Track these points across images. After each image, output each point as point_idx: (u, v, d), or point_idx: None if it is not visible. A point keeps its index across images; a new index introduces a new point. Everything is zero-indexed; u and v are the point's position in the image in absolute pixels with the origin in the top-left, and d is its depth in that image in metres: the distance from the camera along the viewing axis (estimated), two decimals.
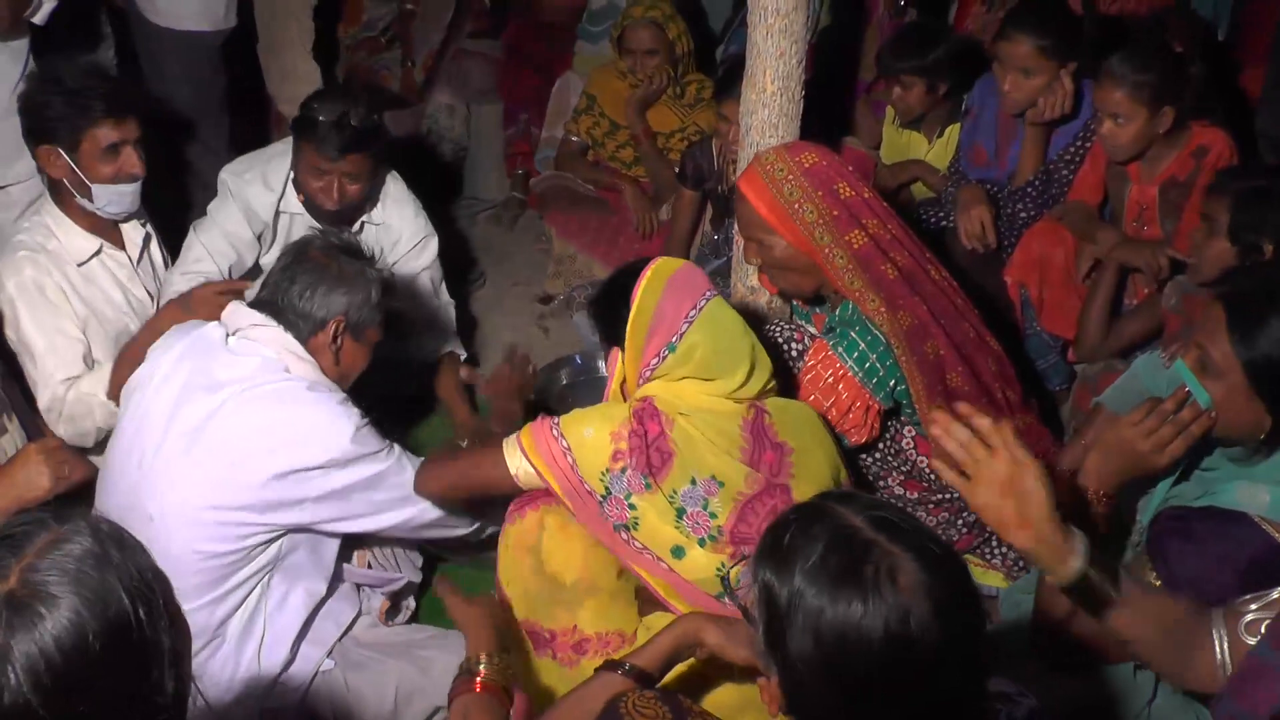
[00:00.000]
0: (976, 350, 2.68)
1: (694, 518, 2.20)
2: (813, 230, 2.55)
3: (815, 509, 1.41)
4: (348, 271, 2.45)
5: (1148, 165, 3.22)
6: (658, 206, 4.15)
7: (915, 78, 3.70)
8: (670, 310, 2.23)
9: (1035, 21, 3.36)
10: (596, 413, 2.26)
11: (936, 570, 1.32)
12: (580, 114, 4.33)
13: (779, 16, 2.65)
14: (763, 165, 2.61)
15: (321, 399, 2.39)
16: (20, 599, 1.21)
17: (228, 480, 2.32)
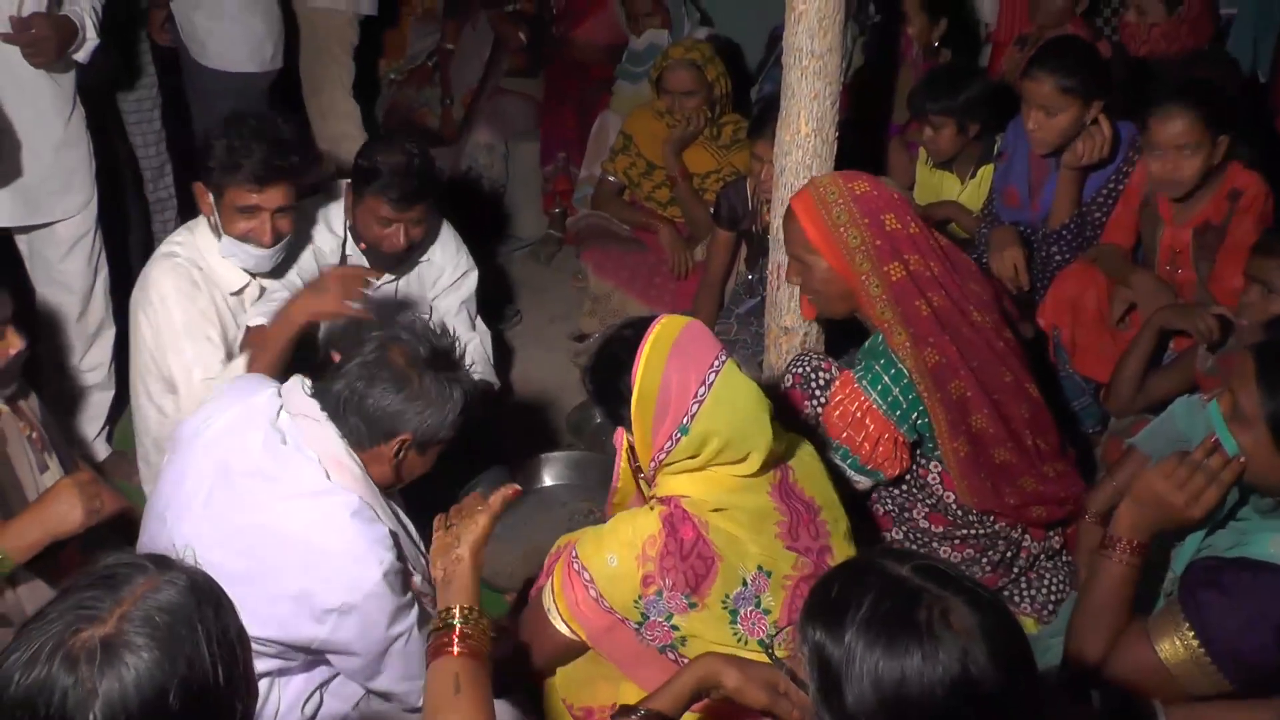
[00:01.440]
0: (1011, 396, 2.66)
1: (749, 619, 2.08)
2: (854, 256, 2.56)
3: (859, 564, 1.42)
4: (430, 390, 2.22)
5: (1181, 208, 3.20)
6: (693, 247, 4.18)
7: (946, 118, 3.72)
8: (677, 387, 2.05)
9: (1058, 60, 3.37)
10: (618, 534, 2.08)
11: (987, 612, 1.33)
12: (617, 154, 4.37)
13: (814, 58, 2.69)
14: (816, 188, 2.62)
15: (361, 529, 2.16)
16: (114, 645, 1.23)
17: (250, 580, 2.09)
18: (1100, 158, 3.39)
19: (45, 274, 3.40)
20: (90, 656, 1.22)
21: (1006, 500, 2.67)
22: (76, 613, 1.26)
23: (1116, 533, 2.02)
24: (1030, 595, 2.80)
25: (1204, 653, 1.92)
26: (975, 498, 2.65)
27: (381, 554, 2.16)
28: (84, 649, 1.23)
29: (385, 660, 2.24)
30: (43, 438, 2.50)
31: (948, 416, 2.58)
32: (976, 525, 2.72)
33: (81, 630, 1.24)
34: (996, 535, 2.75)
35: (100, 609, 1.25)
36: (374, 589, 2.14)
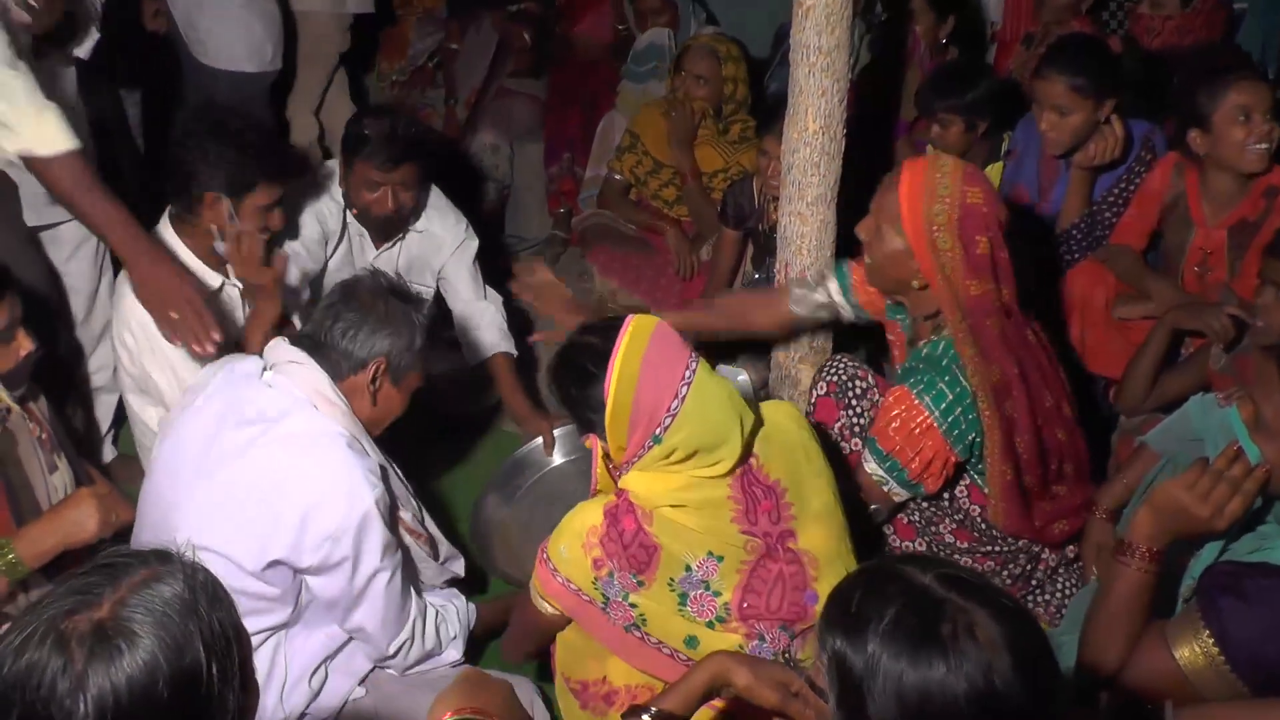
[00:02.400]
0: (1050, 420, 2.62)
1: (698, 601, 2.14)
2: (940, 256, 2.46)
3: (881, 571, 1.40)
4: (394, 314, 2.42)
5: (1214, 208, 3.16)
6: (698, 246, 4.16)
7: (954, 116, 3.70)
8: (650, 400, 2.09)
9: (1070, 60, 3.34)
10: (567, 527, 2.18)
11: (1012, 623, 1.31)
12: (624, 152, 4.36)
13: (821, 55, 2.67)
14: (932, 170, 2.49)
15: (353, 460, 2.32)
16: (107, 631, 1.24)
17: (247, 523, 2.29)
18: (1112, 158, 3.37)
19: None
20: (82, 639, 1.23)
21: (1035, 524, 2.65)
22: (73, 598, 1.26)
23: (1134, 540, 1.98)
24: (1044, 601, 2.78)
25: (1223, 660, 1.89)
26: (1009, 520, 2.61)
27: (374, 481, 2.32)
28: (76, 632, 1.23)
29: (365, 595, 2.36)
30: (52, 439, 2.51)
31: (1002, 438, 2.51)
32: (1000, 542, 2.70)
33: (76, 614, 1.25)
34: (1018, 550, 2.72)
35: (96, 595, 1.26)
36: (367, 515, 2.29)
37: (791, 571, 2.15)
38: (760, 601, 2.13)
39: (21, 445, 2.43)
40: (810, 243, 2.85)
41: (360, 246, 3.53)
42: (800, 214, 2.84)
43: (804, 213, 2.83)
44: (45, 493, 2.44)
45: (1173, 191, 3.24)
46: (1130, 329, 3.28)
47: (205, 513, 2.31)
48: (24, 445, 2.43)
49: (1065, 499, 2.70)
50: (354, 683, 2.53)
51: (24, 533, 2.22)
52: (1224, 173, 3.12)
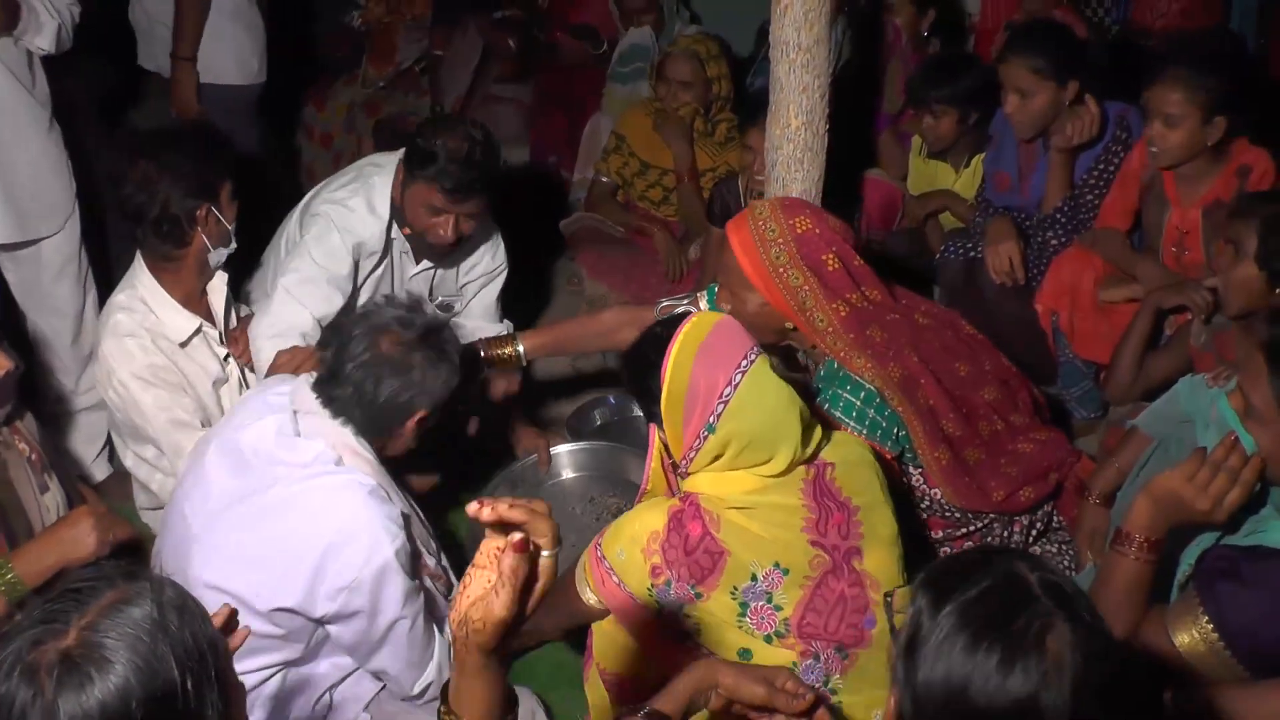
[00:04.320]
0: (969, 386, 2.64)
1: (758, 613, 2.10)
2: (796, 294, 2.52)
3: (996, 555, 1.38)
4: (429, 370, 2.32)
5: (1188, 188, 3.17)
6: (687, 245, 4.16)
7: (948, 106, 3.71)
8: (704, 386, 2.07)
9: (1029, 43, 3.39)
10: (627, 529, 2.15)
11: (1089, 642, 1.29)
12: (610, 153, 4.34)
13: (801, 51, 2.67)
14: (755, 221, 2.55)
15: (376, 508, 2.26)
16: (74, 658, 1.22)
17: (261, 566, 2.24)
18: (1090, 137, 3.39)
19: (36, 299, 3.41)
20: (50, 669, 1.21)
21: (994, 497, 2.65)
22: (41, 627, 1.25)
23: (1131, 530, 1.98)
24: None
25: (1222, 644, 1.90)
26: (962, 499, 2.62)
27: (395, 532, 2.24)
28: (45, 661, 1.22)
29: (387, 641, 2.31)
30: (42, 459, 2.50)
31: (924, 426, 2.54)
32: (971, 521, 2.70)
33: (43, 643, 1.23)
34: (991, 522, 2.72)
35: (64, 622, 1.25)
36: (386, 566, 2.22)
37: (854, 594, 2.11)
38: (820, 621, 2.09)
39: (12, 466, 2.42)
40: None
41: (401, 264, 3.29)
42: None
43: None
44: (38, 514, 2.43)
45: (1150, 171, 3.26)
46: (1117, 313, 3.30)
47: (221, 550, 2.28)
48: (14, 467, 2.42)
49: (1030, 458, 2.70)
50: (359, 708, 2.49)
51: (22, 552, 2.21)
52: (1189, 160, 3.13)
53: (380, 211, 3.13)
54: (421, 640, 2.36)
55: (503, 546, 1.30)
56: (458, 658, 1.33)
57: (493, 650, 1.32)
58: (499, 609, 1.27)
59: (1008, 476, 2.66)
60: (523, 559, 1.28)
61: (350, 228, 3.10)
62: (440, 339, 2.37)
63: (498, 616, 1.28)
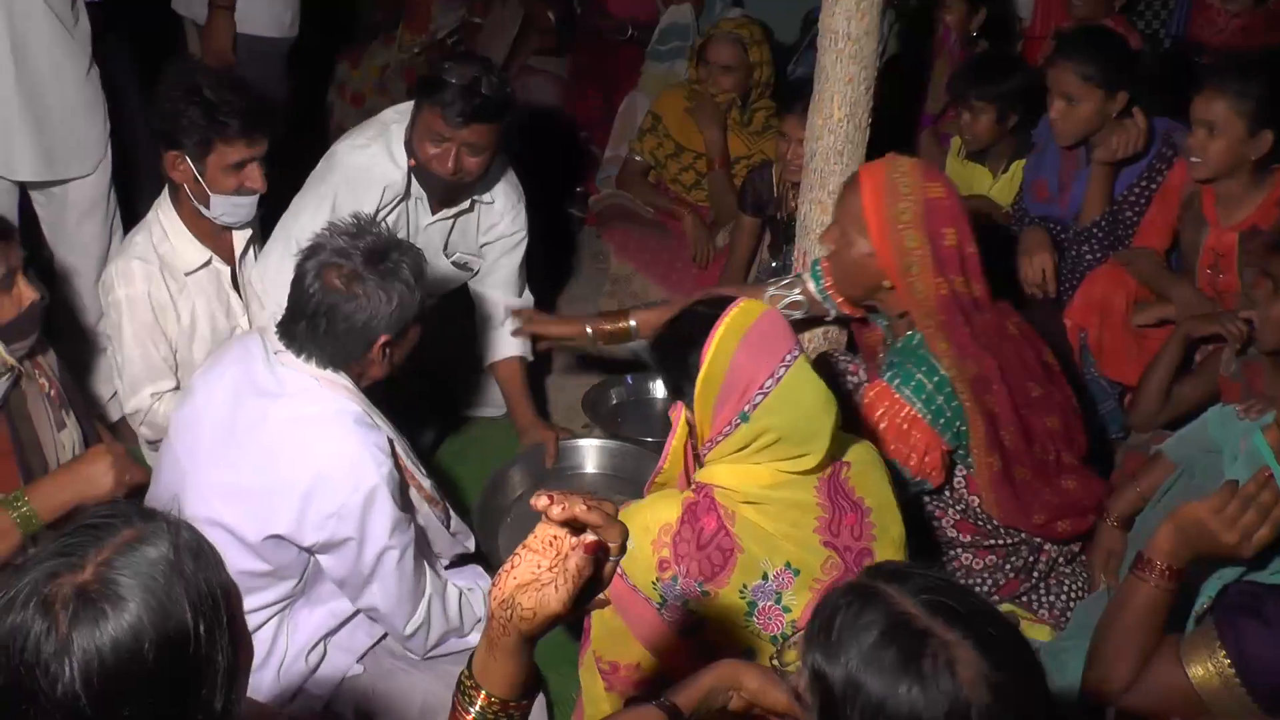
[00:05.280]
0: (1038, 408, 2.59)
1: (766, 613, 2.08)
2: (906, 256, 2.46)
3: (866, 591, 1.36)
4: (380, 293, 2.30)
5: (1227, 209, 3.11)
6: (715, 232, 4.12)
7: (987, 104, 3.66)
8: (745, 374, 2.04)
9: (1081, 48, 3.32)
10: (638, 518, 2.10)
11: (997, 656, 1.28)
12: (645, 133, 4.31)
13: (850, 42, 2.63)
14: (892, 170, 2.50)
15: (364, 435, 2.29)
16: (90, 594, 1.22)
17: (251, 497, 2.28)
18: (1134, 151, 3.32)
19: (64, 237, 3.43)
20: (65, 603, 1.21)
21: (1034, 520, 2.61)
22: (57, 560, 1.25)
23: (1153, 556, 1.93)
24: (1049, 602, 2.74)
25: (1238, 680, 1.86)
26: (1002, 512, 2.58)
27: (381, 459, 2.29)
28: (60, 595, 1.22)
29: (376, 574, 2.34)
30: (60, 395, 2.52)
31: (985, 429, 2.49)
32: (1001, 535, 2.67)
33: (59, 577, 1.23)
34: (1020, 543, 2.70)
35: (80, 557, 1.25)
36: (373, 492, 2.26)
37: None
38: None
39: (31, 401, 2.43)
40: None
41: (416, 210, 3.26)
42: (821, 202, 2.80)
43: (825, 201, 2.80)
44: (53, 449, 2.45)
45: (1190, 188, 3.20)
46: (1147, 336, 3.24)
47: (214, 485, 2.31)
48: (33, 401, 2.44)
49: (1072, 495, 2.66)
50: (352, 659, 2.53)
51: (38, 486, 2.22)
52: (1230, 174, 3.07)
53: (397, 155, 3.13)
54: (411, 575, 2.38)
55: (560, 535, 1.29)
56: (492, 635, 1.32)
57: (534, 638, 1.31)
58: (555, 604, 1.26)
59: (1049, 504, 2.63)
60: (590, 561, 1.27)
61: (364, 169, 3.11)
62: (387, 260, 2.33)
63: (552, 611, 1.27)
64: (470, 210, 3.30)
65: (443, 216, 3.27)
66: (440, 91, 2.93)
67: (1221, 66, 3.07)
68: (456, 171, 3.03)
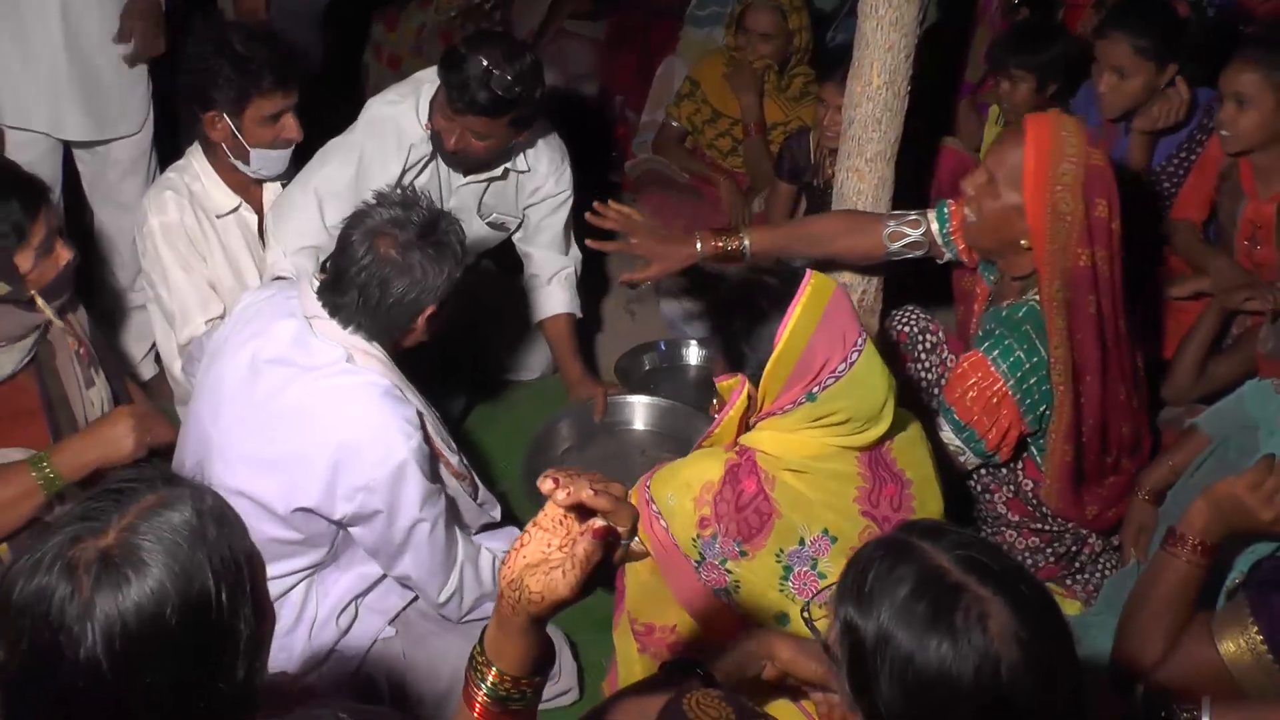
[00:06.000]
0: (1120, 413, 2.58)
1: (801, 578, 2.10)
2: (1057, 221, 2.40)
3: (901, 545, 1.36)
4: (429, 265, 2.29)
5: (1266, 180, 3.08)
6: (752, 198, 4.11)
7: (1026, 73, 3.61)
8: (820, 357, 2.04)
9: (1134, 20, 3.27)
10: (682, 474, 2.13)
11: (1028, 615, 1.28)
12: (683, 99, 4.28)
13: (890, 8, 2.61)
14: (1059, 128, 2.43)
15: (391, 407, 2.28)
16: (113, 558, 1.23)
17: (279, 469, 2.27)
18: (1175, 121, 3.29)
19: (103, 194, 3.47)
20: (88, 567, 1.22)
21: (1087, 513, 2.62)
22: (81, 524, 1.25)
23: (1186, 532, 1.94)
24: (1083, 579, 2.75)
25: (1271, 657, 1.86)
26: (1060, 502, 2.58)
27: (410, 431, 2.27)
28: (84, 559, 1.22)
29: (408, 545, 2.34)
30: (90, 353, 2.53)
31: (1069, 417, 2.48)
32: (1050, 520, 2.67)
33: (83, 540, 1.24)
34: (1065, 530, 2.70)
35: (104, 521, 1.25)
36: (403, 466, 2.24)
37: None
38: None
39: (60, 358, 2.44)
40: (867, 199, 2.80)
41: (448, 173, 3.27)
42: (858, 170, 2.79)
43: (862, 169, 2.78)
44: (82, 407, 2.46)
45: (1228, 159, 3.18)
46: (1183, 309, 3.23)
47: (240, 455, 2.30)
48: (61, 357, 2.44)
49: (1116, 486, 2.66)
50: (384, 621, 2.53)
51: (62, 447, 2.24)
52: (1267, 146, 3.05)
53: (424, 112, 3.14)
54: (444, 545, 2.39)
55: (568, 513, 1.28)
56: (502, 615, 1.31)
57: (543, 620, 1.30)
58: (564, 589, 1.25)
59: (1102, 497, 2.64)
60: (599, 546, 1.25)
61: (397, 127, 3.13)
62: (438, 231, 2.33)
63: (560, 595, 1.26)
64: (503, 177, 3.31)
65: (475, 180, 3.28)
66: (453, 73, 2.95)
67: (1252, 37, 3.03)
68: (457, 149, 3.06)
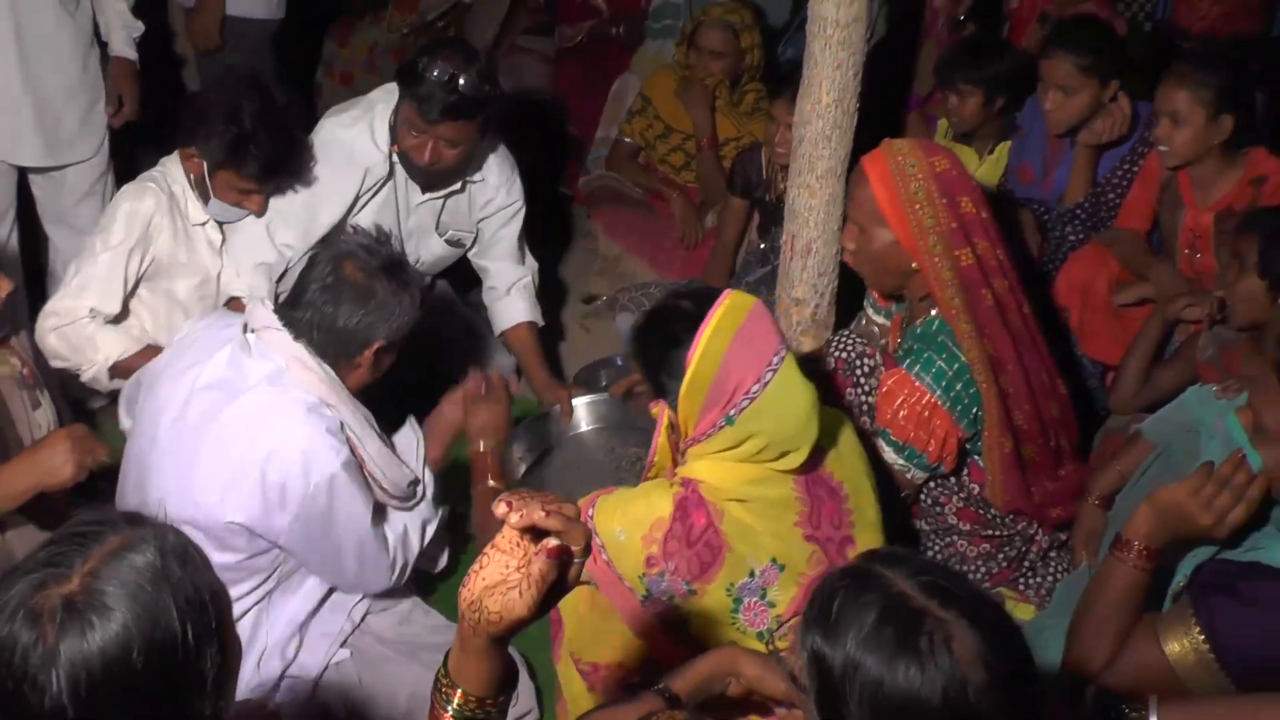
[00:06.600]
0: (1045, 394, 2.63)
1: (751, 609, 2.07)
2: (927, 236, 2.45)
3: (863, 574, 1.38)
4: (388, 298, 2.32)
5: (1203, 191, 3.17)
6: (704, 214, 4.14)
7: (973, 88, 3.67)
8: (733, 378, 1.99)
9: (1076, 40, 3.37)
10: (630, 509, 2.07)
11: (991, 636, 1.31)
12: (635, 115, 4.31)
13: (838, 28, 2.64)
14: (894, 155, 2.48)
15: (315, 423, 2.27)
16: (77, 604, 1.22)
17: (211, 493, 2.26)
18: (1118, 135, 3.38)
19: (58, 217, 3.45)
20: (52, 615, 1.21)
21: (1034, 499, 2.65)
22: (45, 570, 1.25)
23: (1132, 537, 1.98)
24: (1035, 583, 2.79)
25: (1213, 656, 1.91)
26: (1008, 495, 2.61)
27: (336, 446, 2.27)
28: (47, 607, 1.22)
29: (347, 552, 2.37)
30: (35, 375, 2.49)
31: (999, 410, 2.51)
32: (999, 525, 2.71)
33: (47, 587, 1.23)
34: (1015, 534, 2.74)
35: (67, 567, 1.25)
36: (331, 479, 2.26)
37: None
38: None
39: (3, 381, 2.41)
40: (818, 216, 2.83)
41: (406, 190, 3.28)
42: (809, 186, 2.82)
43: (813, 185, 2.81)
44: (28, 428, 2.42)
45: (1167, 171, 3.26)
46: (1128, 316, 3.30)
47: (174, 479, 2.30)
48: (5, 381, 2.41)
49: (1067, 482, 2.71)
50: (332, 645, 2.52)
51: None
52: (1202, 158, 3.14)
53: (380, 138, 3.14)
54: (380, 549, 2.40)
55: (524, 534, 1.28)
56: (463, 637, 1.31)
57: (504, 640, 1.31)
58: (522, 609, 1.25)
59: (1047, 490, 2.68)
60: (554, 565, 1.25)
61: (350, 151, 3.14)
62: (404, 272, 2.37)
63: (518, 616, 1.26)
64: (461, 190, 3.32)
65: (433, 196, 3.29)
66: (418, 85, 2.95)
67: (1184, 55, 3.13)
68: (433, 163, 3.07)
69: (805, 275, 2.89)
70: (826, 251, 2.86)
